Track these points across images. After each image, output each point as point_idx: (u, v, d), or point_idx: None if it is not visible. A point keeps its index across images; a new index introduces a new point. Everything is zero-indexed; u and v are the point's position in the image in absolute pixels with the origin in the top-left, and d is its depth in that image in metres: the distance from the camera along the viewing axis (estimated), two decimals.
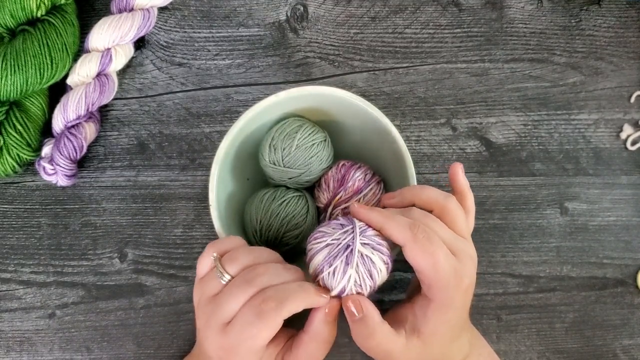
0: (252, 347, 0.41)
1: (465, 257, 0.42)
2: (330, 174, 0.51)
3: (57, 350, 0.55)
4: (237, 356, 0.42)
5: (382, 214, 0.43)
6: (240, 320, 0.41)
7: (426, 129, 0.57)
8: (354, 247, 0.41)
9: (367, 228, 0.43)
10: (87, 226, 0.56)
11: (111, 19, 0.54)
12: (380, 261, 0.42)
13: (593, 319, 0.56)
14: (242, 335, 0.41)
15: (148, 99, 0.57)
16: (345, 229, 0.42)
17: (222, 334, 0.42)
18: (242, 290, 0.41)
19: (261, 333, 0.40)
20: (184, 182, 0.56)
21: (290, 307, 0.40)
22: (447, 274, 0.41)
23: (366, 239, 0.42)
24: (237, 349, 0.41)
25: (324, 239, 0.43)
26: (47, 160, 0.53)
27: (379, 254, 0.42)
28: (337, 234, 0.42)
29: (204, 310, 0.43)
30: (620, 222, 0.57)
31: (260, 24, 0.58)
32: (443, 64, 0.58)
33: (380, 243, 0.42)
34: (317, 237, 0.43)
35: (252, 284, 0.41)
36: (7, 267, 0.55)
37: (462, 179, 0.46)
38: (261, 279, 0.41)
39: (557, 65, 0.58)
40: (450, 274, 0.41)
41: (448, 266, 0.41)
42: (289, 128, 0.50)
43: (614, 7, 0.59)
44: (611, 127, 0.58)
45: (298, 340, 0.43)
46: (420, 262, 0.41)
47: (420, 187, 0.45)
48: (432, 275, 0.41)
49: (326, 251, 0.42)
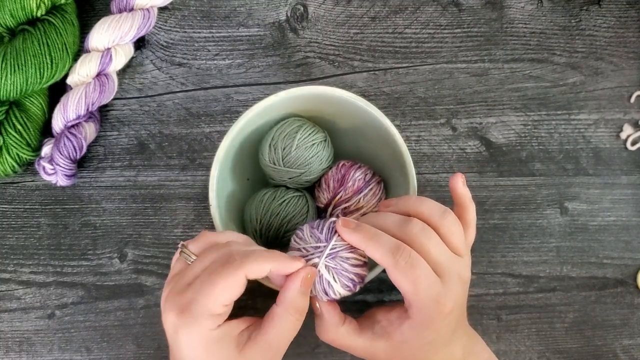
0: (209, 304, 0.38)
1: (452, 280, 0.41)
2: (330, 174, 0.51)
3: (57, 351, 0.55)
4: (191, 317, 0.38)
5: (366, 236, 0.41)
6: (201, 276, 0.39)
7: (426, 129, 0.57)
8: (317, 266, 0.42)
9: (343, 248, 0.42)
10: (86, 226, 0.56)
11: (111, 19, 0.54)
12: (340, 286, 0.42)
13: (593, 319, 0.56)
14: (200, 290, 0.39)
15: (148, 99, 0.57)
16: (318, 245, 0.42)
17: (181, 295, 0.39)
18: (207, 256, 0.41)
19: (220, 286, 0.38)
20: (184, 182, 0.56)
21: (255, 264, 0.39)
22: (428, 300, 0.40)
23: (333, 263, 0.42)
24: (192, 307, 0.39)
25: (300, 242, 0.43)
26: (47, 160, 0.53)
27: (341, 280, 0.42)
28: (310, 245, 0.42)
29: (168, 286, 0.41)
30: (620, 222, 0.57)
31: (260, 24, 0.58)
32: (443, 64, 0.58)
33: (346, 270, 0.42)
34: (298, 234, 0.44)
35: (219, 250, 0.41)
36: (7, 267, 0.55)
37: (462, 191, 0.45)
38: (229, 247, 0.41)
39: (557, 65, 0.58)
40: (431, 300, 0.40)
41: (429, 292, 0.40)
42: (289, 128, 0.49)
43: (614, 7, 0.59)
44: (611, 127, 0.58)
45: (269, 314, 0.41)
46: (402, 287, 0.41)
47: (418, 200, 0.43)
48: (412, 299, 0.41)
49: (297, 253, 0.43)
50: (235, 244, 0.41)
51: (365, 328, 0.44)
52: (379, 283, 0.55)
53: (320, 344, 0.55)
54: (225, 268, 0.39)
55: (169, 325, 0.40)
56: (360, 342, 0.44)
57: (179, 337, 0.39)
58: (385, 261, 0.40)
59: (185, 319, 0.39)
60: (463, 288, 0.43)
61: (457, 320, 0.43)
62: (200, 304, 0.38)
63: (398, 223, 0.42)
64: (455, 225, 0.42)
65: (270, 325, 0.41)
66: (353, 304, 0.54)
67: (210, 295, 0.38)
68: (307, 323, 0.46)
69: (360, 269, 0.43)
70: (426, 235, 0.41)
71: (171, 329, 0.40)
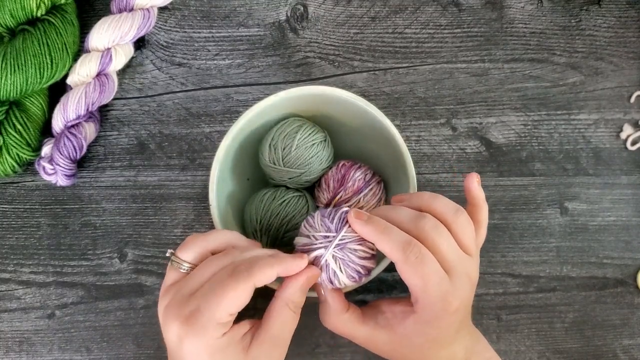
0: (217, 313, 0.38)
1: (461, 278, 0.41)
2: (330, 174, 0.51)
3: (57, 351, 0.55)
4: (197, 326, 0.38)
5: (378, 229, 0.41)
6: (206, 285, 0.39)
7: (426, 129, 0.57)
8: (324, 256, 0.42)
9: (353, 239, 0.42)
10: (86, 226, 0.56)
11: (111, 19, 0.54)
12: (346, 277, 0.42)
13: (593, 319, 0.56)
14: (207, 299, 0.38)
15: (148, 99, 0.57)
16: (327, 234, 0.42)
17: (184, 304, 0.39)
18: (208, 266, 0.40)
19: (229, 296, 0.38)
20: (184, 182, 0.56)
21: (262, 273, 0.39)
22: (435, 297, 0.40)
23: (341, 253, 0.42)
24: (198, 316, 0.38)
25: (310, 230, 0.43)
26: (47, 160, 0.53)
27: (347, 271, 0.42)
28: (320, 233, 0.42)
29: (166, 296, 0.40)
30: (620, 222, 0.57)
31: (260, 24, 0.58)
32: (443, 64, 0.58)
33: (353, 261, 0.42)
34: (309, 221, 0.44)
35: (220, 259, 0.40)
36: (7, 267, 0.55)
37: (477, 191, 0.45)
38: (233, 253, 0.41)
39: (557, 65, 0.58)
40: (438, 297, 0.40)
41: (438, 290, 0.40)
42: (289, 128, 0.49)
43: (614, 7, 0.59)
44: (611, 127, 0.58)
45: (269, 311, 0.41)
46: (410, 282, 0.41)
47: (432, 197, 0.43)
48: (420, 295, 0.41)
49: (306, 240, 0.43)
50: (237, 252, 0.41)
51: (368, 318, 0.44)
52: (379, 283, 0.55)
53: (320, 343, 0.55)
54: (233, 278, 0.38)
55: (171, 335, 0.39)
56: (362, 331, 0.44)
57: (184, 346, 0.39)
58: (395, 255, 0.40)
59: (191, 328, 0.38)
60: (471, 288, 0.43)
61: (462, 319, 0.43)
62: (207, 313, 0.38)
63: (411, 217, 0.42)
64: (467, 224, 0.42)
65: (271, 321, 0.41)
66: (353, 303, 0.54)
67: (219, 304, 0.38)
68: (307, 323, 0.46)
69: (368, 262, 0.43)
70: (438, 232, 0.41)
71: (174, 338, 0.39)
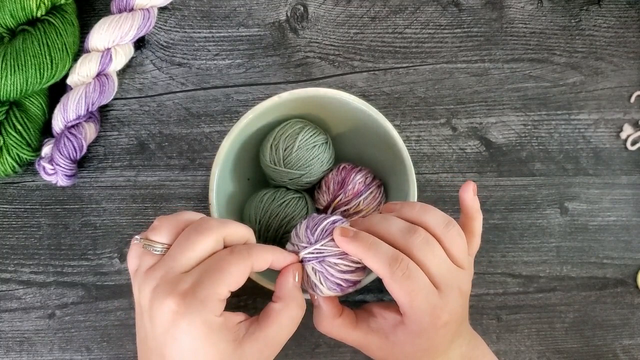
0: (218, 288, 0.37)
1: (451, 292, 0.41)
2: (330, 176, 0.51)
3: (57, 351, 0.55)
4: (196, 300, 0.36)
5: (364, 246, 0.40)
6: (208, 259, 0.38)
7: (426, 129, 0.57)
8: (305, 268, 0.42)
9: (333, 254, 0.42)
10: (87, 226, 0.56)
11: (111, 19, 0.54)
12: (326, 289, 0.42)
13: (593, 319, 0.56)
14: (209, 273, 0.37)
15: (148, 99, 0.57)
16: (306, 246, 0.42)
17: (179, 281, 0.37)
18: (198, 237, 0.38)
19: (232, 269, 0.37)
20: (184, 182, 0.56)
21: (260, 254, 0.39)
22: (422, 312, 0.40)
23: (320, 266, 0.42)
24: (198, 291, 0.36)
25: (294, 238, 0.43)
26: (47, 160, 0.53)
27: (327, 284, 0.42)
28: (302, 243, 0.42)
29: (150, 278, 0.38)
30: (620, 222, 0.57)
31: (260, 24, 0.58)
32: (443, 64, 0.58)
33: (332, 275, 0.42)
34: (296, 229, 0.44)
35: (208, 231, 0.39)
36: (7, 267, 0.55)
37: (471, 202, 0.44)
38: (212, 223, 0.39)
39: (557, 65, 0.58)
40: (426, 312, 0.40)
41: (425, 305, 0.40)
42: (291, 129, 0.49)
43: (614, 7, 0.59)
44: (611, 127, 0.58)
45: (267, 311, 0.41)
46: (397, 297, 0.41)
47: (423, 208, 0.42)
48: (407, 310, 0.41)
49: (292, 248, 0.43)
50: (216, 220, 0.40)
51: (361, 321, 0.45)
52: (379, 283, 0.55)
53: (320, 343, 0.55)
54: (234, 255, 0.38)
55: (163, 315, 0.36)
56: (355, 336, 0.44)
57: (179, 324, 0.36)
58: (381, 272, 0.40)
59: (190, 302, 0.36)
60: (462, 300, 0.42)
61: (455, 331, 0.42)
62: (208, 287, 0.37)
63: (401, 231, 0.41)
64: (458, 237, 0.42)
65: (269, 322, 0.40)
66: (353, 304, 0.54)
67: (220, 277, 0.37)
68: (308, 323, 0.46)
69: (351, 275, 0.42)
70: (428, 247, 0.40)
71: (167, 317, 0.36)
